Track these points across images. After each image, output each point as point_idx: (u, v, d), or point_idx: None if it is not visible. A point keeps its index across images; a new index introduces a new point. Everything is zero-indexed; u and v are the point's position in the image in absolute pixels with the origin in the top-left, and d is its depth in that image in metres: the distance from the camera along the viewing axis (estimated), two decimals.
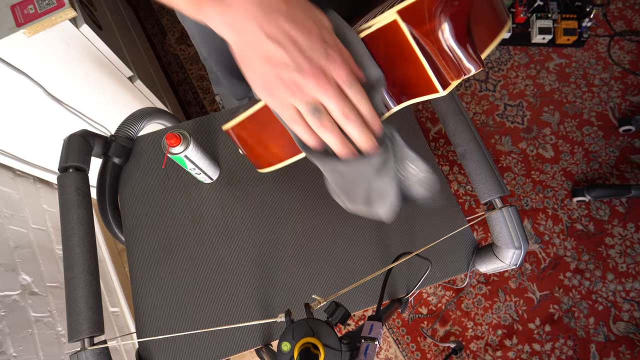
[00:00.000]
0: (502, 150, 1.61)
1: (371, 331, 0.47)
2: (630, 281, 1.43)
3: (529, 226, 1.51)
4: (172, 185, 0.79)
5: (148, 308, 0.71)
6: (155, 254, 0.74)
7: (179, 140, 0.64)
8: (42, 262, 1.05)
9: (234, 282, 0.72)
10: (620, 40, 1.76)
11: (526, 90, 1.70)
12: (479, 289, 1.45)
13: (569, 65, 1.73)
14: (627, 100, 1.66)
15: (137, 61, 1.19)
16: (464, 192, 1.57)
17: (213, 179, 0.79)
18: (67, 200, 0.66)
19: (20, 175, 1.11)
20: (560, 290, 1.43)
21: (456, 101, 0.73)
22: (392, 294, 0.72)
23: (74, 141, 0.70)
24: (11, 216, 1.00)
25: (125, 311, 1.37)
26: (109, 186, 0.77)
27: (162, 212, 0.77)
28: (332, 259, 0.74)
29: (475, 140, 0.69)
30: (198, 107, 1.75)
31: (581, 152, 1.60)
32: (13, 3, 0.75)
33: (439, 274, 0.73)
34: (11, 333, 0.83)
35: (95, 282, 0.62)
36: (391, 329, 1.41)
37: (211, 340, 0.68)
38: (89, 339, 0.58)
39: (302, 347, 0.40)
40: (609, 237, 1.49)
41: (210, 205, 0.78)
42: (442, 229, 0.76)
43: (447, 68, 0.43)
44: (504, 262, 0.65)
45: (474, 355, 1.37)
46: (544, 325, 1.40)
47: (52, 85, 0.89)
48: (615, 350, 1.36)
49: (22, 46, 0.78)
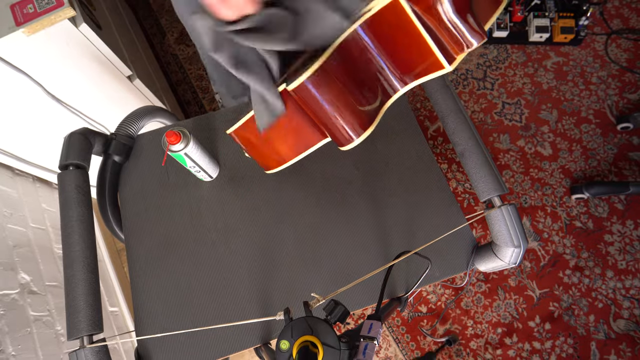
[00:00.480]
0: (501, 148, 1.61)
1: (370, 330, 0.47)
2: (629, 278, 1.43)
3: (528, 224, 1.52)
4: (172, 183, 0.79)
5: (147, 306, 0.71)
6: (155, 251, 0.75)
7: (179, 138, 0.64)
8: (41, 261, 1.04)
9: (233, 280, 0.72)
10: (617, 39, 1.76)
11: (524, 88, 1.70)
12: (479, 287, 1.45)
13: (566, 63, 1.73)
14: (625, 98, 1.66)
15: (136, 60, 1.19)
16: (463, 189, 1.57)
17: (213, 177, 0.79)
18: (67, 198, 0.66)
19: (19, 174, 1.11)
20: (560, 288, 1.44)
21: (455, 100, 0.73)
22: (392, 292, 0.72)
23: (74, 139, 0.70)
24: (10, 215, 1.00)
25: (124, 311, 1.37)
26: (109, 184, 0.77)
27: (162, 210, 0.77)
28: (331, 257, 0.74)
29: (474, 139, 0.69)
30: (197, 107, 1.75)
31: (579, 150, 1.60)
32: (12, 2, 0.75)
33: (439, 273, 0.73)
34: (10, 332, 0.83)
35: (95, 280, 0.62)
36: (391, 328, 1.42)
37: (210, 338, 0.68)
38: (88, 337, 0.58)
39: (301, 345, 0.40)
40: (608, 234, 1.49)
41: (210, 203, 0.78)
42: (441, 227, 0.76)
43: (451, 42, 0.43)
44: (504, 261, 0.65)
45: (474, 353, 1.38)
46: (544, 323, 1.40)
47: (52, 84, 0.89)
48: (616, 348, 1.36)
49: (22, 45, 0.78)
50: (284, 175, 0.79)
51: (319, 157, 0.79)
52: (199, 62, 1.81)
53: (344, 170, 0.80)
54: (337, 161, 0.81)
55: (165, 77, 1.78)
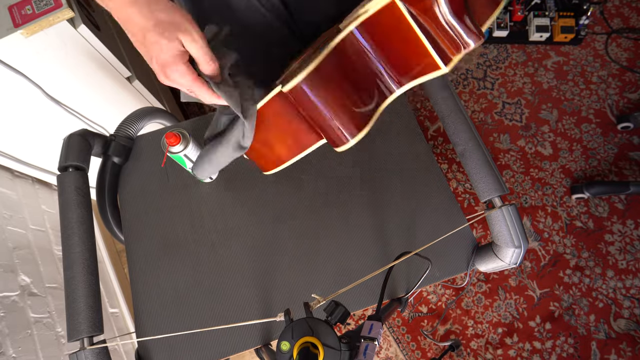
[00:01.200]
0: (501, 148, 1.61)
1: (371, 331, 0.47)
2: (630, 278, 1.43)
3: (529, 224, 1.52)
4: (171, 185, 0.79)
5: (148, 307, 0.71)
6: (155, 252, 0.74)
7: (178, 140, 0.64)
8: (41, 263, 1.04)
9: (233, 281, 0.72)
10: (618, 38, 1.76)
11: (524, 88, 1.70)
12: (479, 287, 1.45)
13: (566, 63, 1.73)
14: (625, 98, 1.66)
15: (135, 61, 1.18)
16: (463, 190, 1.57)
17: (212, 178, 0.79)
18: (67, 200, 0.66)
19: (19, 176, 1.11)
20: (561, 287, 1.43)
21: (455, 100, 0.73)
22: (392, 293, 0.72)
23: (73, 140, 0.70)
24: (10, 217, 1.00)
25: (124, 312, 1.37)
26: (108, 185, 0.77)
27: (162, 211, 0.77)
28: (331, 258, 0.74)
29: (474, 139, 0.69)
30: (196, 107, 1.75)
31: (580, 150, 1.60)
32: (11, 3, 0.75)
33: (439, 273, 0.73)
34: (10, 334, 0.83)
35: (95, 282, 0.62)
36: (391, 328, 1.41)
37: (210, 339, 0.68)
38: (88, 338, 0.58)
39: (302, 346, 0.40)
40: (608, 234, 1.49)
41: (210, 204, 0.78)
42: (442, 227, 0.76)
43: (448, 44, 0.43)
44: (504, 261, 0.65)
45: (475, 353, 1.37)
46: (545, 323, 1.40)
47: (50, 85, 0.89)
48: (616, 347, 1.36)
49: (20, 47, 0.77)
50: (285, 177, 0.79)
51: (318, 158, 0.79)
52: None
53: (344, 171, 0.80)
54: (336, 161, 0.81)
55: None
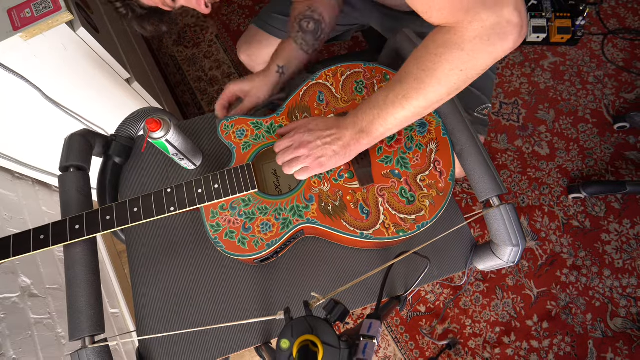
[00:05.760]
0: (498, 148, 1.62)
1: (370, 329, 0.47)
2: (626, 277, 1.44)
3: (526, 223, 1.52)
4: (172, 184, 0.80)
5: (148, 306, 0.71)
6: (156, 252, 0.75)
7: (159, 125, 0.64)
8: (42, 264, 1.05)
9: (233, 280, 0.73)
10: (614, 39, 1.77)
11: (521, 88, 1.71)
12: (477, 286, 1.45)
13: (563, 63, 1.74)
14: (621, 98, 1.67)
15: (135, 63, 1.19)
16: (461, 189, 1.58)
17: (197, 165, 0.80)
18: (68, 199, 0.66)
19: (19, 178, 1.11)
20: (558, 286, 1.44)
21: (454, 100, 0.73)
22: (391, 292, 0.73)
23: (75, 141, 0.71)
24: (10, 218, 1.00)
25: (125, 312, 1.37)
26: (109, 185, 0.77)
27: None
28: (331, 257, 0.74)
29: (472, 139, 0.69)
30: (196, 109, 1.75)
31: (576, 149, 1.61)
32: (10, 7, 0.76)
33: (438, 272, 0.74)
34: (11, 335, 0.83)
35: (96, 281, 0.62)
36: (390, 328, 1.42)
37: (211, 338, 0.69)
38: (90, 337, 0.58)
39: (301, 344, 0.40)
40: (605, 233, 1.50)
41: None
42: (440, 226, 0.76)
43: None
44: (502, 260, 0.66)
45: (473, 352, 1.38)
46: (542, 322, 1.41)
47: (50, 88, 0.89)
48: (613, 346, 1.37)
49: (19, 50, 0.78)
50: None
51: None
52: (198, 64, 1.82)
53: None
54: None
55: (164, 79, 1.78)
